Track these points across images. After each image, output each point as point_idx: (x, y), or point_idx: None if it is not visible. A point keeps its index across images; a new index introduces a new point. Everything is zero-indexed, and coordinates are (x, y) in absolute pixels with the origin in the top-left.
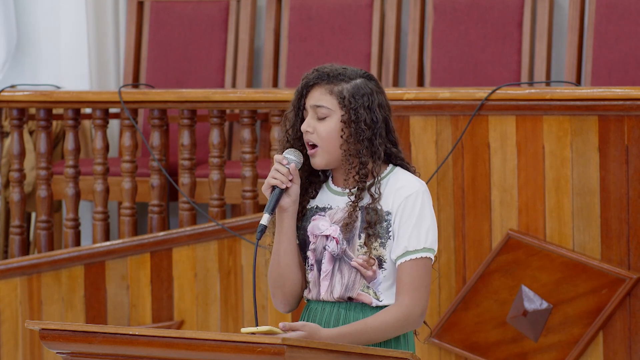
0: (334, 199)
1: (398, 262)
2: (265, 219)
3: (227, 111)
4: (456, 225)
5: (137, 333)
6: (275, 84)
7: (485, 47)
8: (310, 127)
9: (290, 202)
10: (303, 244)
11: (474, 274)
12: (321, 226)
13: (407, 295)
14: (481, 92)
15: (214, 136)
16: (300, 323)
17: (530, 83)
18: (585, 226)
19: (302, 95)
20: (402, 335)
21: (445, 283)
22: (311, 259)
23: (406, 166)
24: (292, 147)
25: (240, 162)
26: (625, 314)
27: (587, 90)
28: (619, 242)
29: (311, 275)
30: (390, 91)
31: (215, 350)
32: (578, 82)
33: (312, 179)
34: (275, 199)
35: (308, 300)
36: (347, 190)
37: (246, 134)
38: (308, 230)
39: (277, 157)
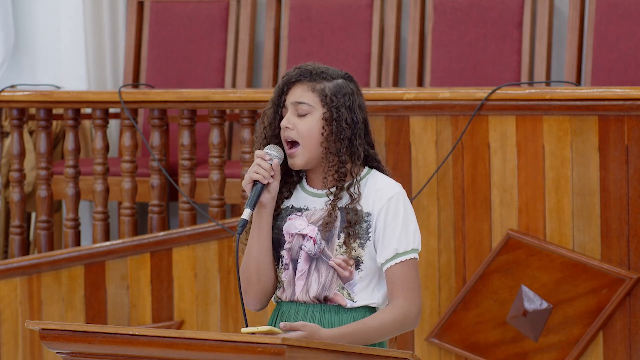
0: (310, 200)
1: (388, 265)
2: (246, 213)
3: (227, 111)
4: (456, 225)
5: (137, 333)
6: (275, 84)
7: (485, 47)
8: (290, 123)
9: (269, 198)
10: (276, 243)
11: (474, 274)
12: (298, 225)
13: (401, 296)
14: (481, 92)
15: (214, 136)
16: (300, 323)
17: (530, 83)
18: (585, 226)
19: (282, 92)
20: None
21: (445, 283)
22: (286, 258)
23: (382, 168)
24: (270, 144)
25: (240, 162)
26: (625, 314)
27: (587, 90)
28: (619, 242)
29: (285, 275)
30: (390, 91)
31: (215, 350)
32: (578, 82)
33: (286, 179)
34: (257, 194)
35: (279, 301)
36: (326, 191)
37: (246, 134)
38: (283, 229)
39: (258, 152)
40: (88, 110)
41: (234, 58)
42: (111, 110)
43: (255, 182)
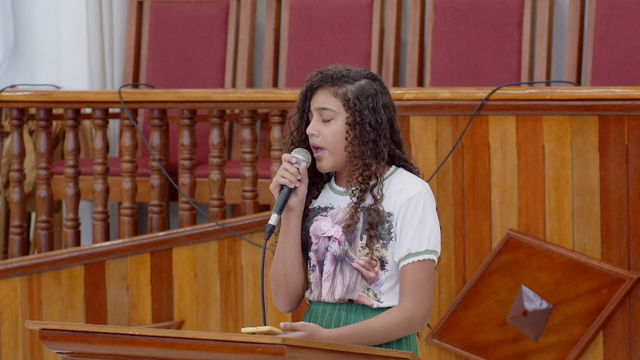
0: (335, 198)
1: (401, 265)
2: (273, 218)
3: (227, 111)
4: (456, 225)
5: (137, 333)
6: (275, 84)
7: (485, 47)
8: (315, 130)
9: (297, 201)
10: (305, 244)
11: (474, 274)
12: (323, 227)
13: (409, 298)
14: (481, 92)
15: (214, 136)
16: (300, 323)
17: (530, 83)
18: (585, 226)
19: (306, 97)
20: (404, 336)
21: (445, 283)
22: (313, 260)
23: (409, 167)
24: (298, 148)
25: (240, 162)
26: (625, 314)
27: (587, 90)
28: (619, 242)
29: (313, 276)
30: (390, 91)
31: (215, 350)
32: (578, 82)
33: (315, 180)
34: (284, 198)
35: (310, 301)
36: (350, 190)
37: (246, 134)
38: (310, 231)
39: (285, 156)
40: (88, 110)
41: (234, 58)
42: (111, 110)
43: (282, 186)
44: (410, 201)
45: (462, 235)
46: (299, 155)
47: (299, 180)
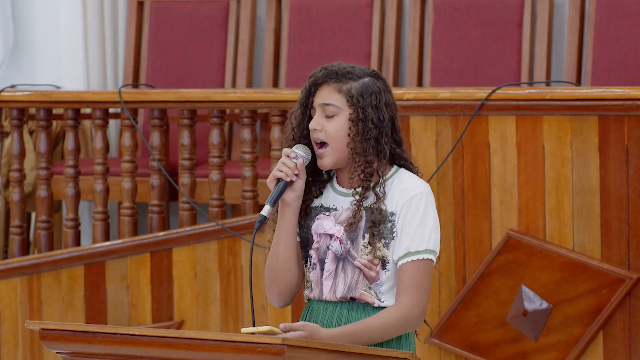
0: (339, 200)
1: (400, 263)
2: (266, 210)
3: (227, 111)
4: (456, 225)
5: (137, 333)
6: (275, 84)
7: (485, 47)
8: (318, 125)
9: (294, 197)
10: (305, 242)
11: (474, 274)
12: (325, 225)
13: (407, 296)
14: (481, 92)
15: (214, 136)
16: (300, 323)
17: (530, 83)
18: (585, 226)
19: (310, 93)
20: (403, 335)
21: (445, 283)
22: (314, 258)
23: (410, 167)
24: (299, 144)
25: (240, 162)
26: (625, 314)
27: (587, 90)
28: (619, 242)
29: (313, 275)
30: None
31: (215, 350)
32: (578, 82)
33: (315, 177)
34: (279, 191)
35: (309, 299)
36: (352, 190)
37: (246, 134)
38: (312, 229)
39: (285, 150)
40: (88, 110)
41: (234, 58)
42: (111, 110)
43: (278, 180)
44: (412, 200)
45: (462, 235)
46: (299, 151)
47: (296, 175)
